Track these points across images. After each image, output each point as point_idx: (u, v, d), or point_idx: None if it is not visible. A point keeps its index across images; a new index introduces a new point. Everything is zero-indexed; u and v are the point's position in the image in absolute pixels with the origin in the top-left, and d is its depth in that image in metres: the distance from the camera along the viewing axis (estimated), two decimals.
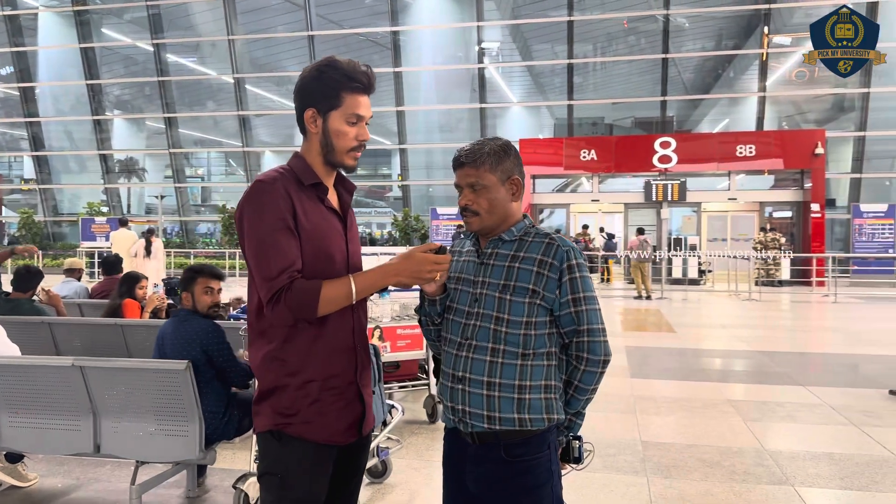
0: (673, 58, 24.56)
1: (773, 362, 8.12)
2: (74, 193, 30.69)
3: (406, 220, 24.82)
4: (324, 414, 1.93)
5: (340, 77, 1.95)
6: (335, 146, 1.98)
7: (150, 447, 3.45)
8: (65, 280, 7.10)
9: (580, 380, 2.02)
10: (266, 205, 1.88)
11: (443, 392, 2.06)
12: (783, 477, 4.28)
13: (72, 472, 4.32)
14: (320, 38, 26.67)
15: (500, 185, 2.03)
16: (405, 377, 5.55)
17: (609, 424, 5.48)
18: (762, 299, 15.75)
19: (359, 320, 2.05)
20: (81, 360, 3.41)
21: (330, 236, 1.97)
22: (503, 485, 1.96)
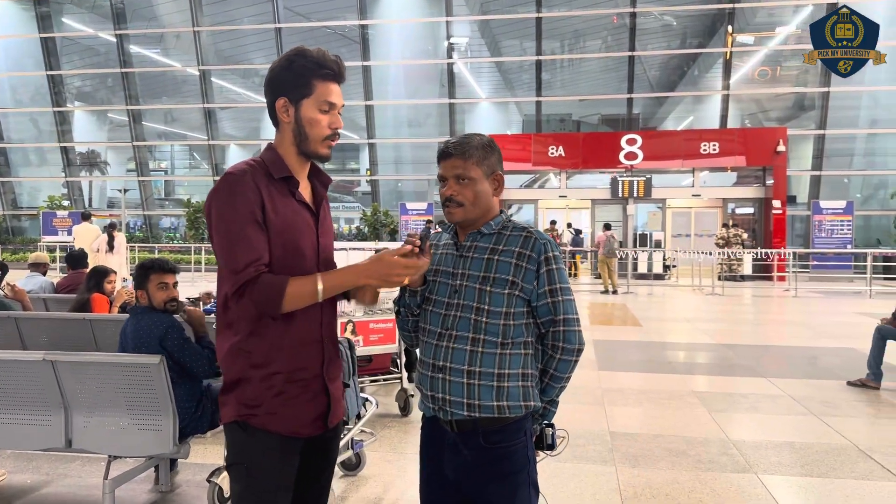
0: (639, 56, 24.87)
1: (736, 355, 8.32)
2: (34, 186, 29.98)
3: (375, 215, 24.75)
4: (288, 406, 1.94)
5: (311, 65, 1.95)
6: (308, 135, 1.98)
7: (123, 442, 3.43)
8: (29, 274, 6.96)
9: (556, 368, 2.08)
10: (235, 197, 1.88)
11: (422, 381, 2.10)
12: (746, 465, 4.41)
13: (41, 467, 4.27)
14: (287, 30, 26.42)
15: (485, 179, 2.08)
16: (378, 371, 5.58)
17: (578, 416, 5.58)
18: (725, 294, 16.09)
19: (327, 313, 2.05)
20: (52, 354, 3.37)
21: (300, 230, 1.97)
22: (481, 471, 2.02)
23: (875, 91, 23.18)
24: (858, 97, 23.71)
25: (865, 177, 24.37)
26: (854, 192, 24.01)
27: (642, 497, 3.87)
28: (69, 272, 7.06)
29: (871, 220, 23.87)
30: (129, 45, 27.62)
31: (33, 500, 3.82)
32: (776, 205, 20.43)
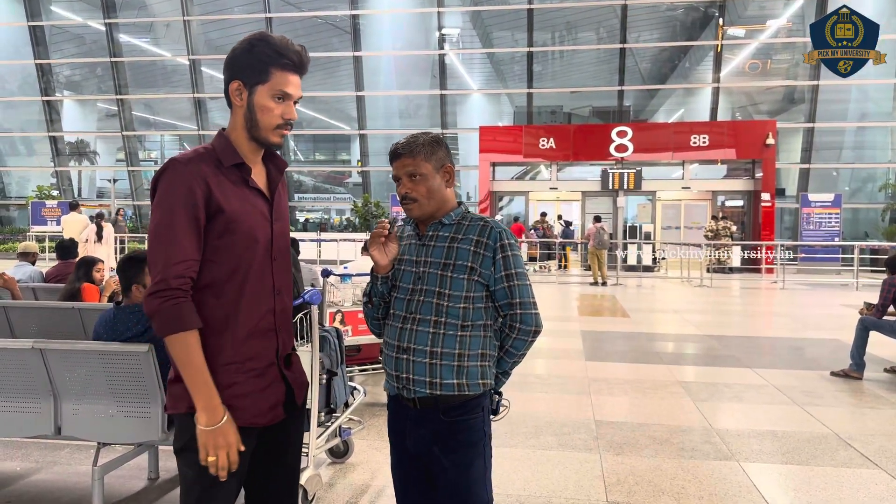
0: (630, 48, 24.90)
1: (722, 346, 8.41)
2: (23, 176, 29.81)
3: (366, 206, 24.75)
4: (242, 397, 1.92)
5: (271, 52, 1.94)
6: (259, 122, 1.96)
7: (112, 429, 3.45)
8: (18, 264, 6.95)
9: (511, 345, 2.22)
10: (174, 190, 1.85)
11: (387, 362, 2.24)
12: (729, 453, 4.49)
13: (30, 455, 4.29)
14: (278, 20, 26.31)
15: (436, 173, 2.22)
16: (366, 360, 5.62)
17: (564, 405, 5.64)
18: (713, 286, 16.21)
19: (281, 301, 2.04)
20: (41, 342, 3.39)
21: (252, 218, 1.95)
22: (440, 443, 2.16)
23: (864, 84, 23.32)
24: (848, 90, 23.85)
25: (854, 170, 24.55)
26: (843, 185, 24.19)
27: (625, 484, 3.93)
28: (58, 262, 7.06)
29: (860, 213, 24.06)
30: (118, 34, 27.44)
31: (23, 486, 3.85)
32: (765, 197, 20.58)
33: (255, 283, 1.96)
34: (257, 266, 1.97)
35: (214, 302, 1.91)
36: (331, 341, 3.79)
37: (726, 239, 19.21)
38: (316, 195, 29.80)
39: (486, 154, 22.29)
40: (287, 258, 2.12)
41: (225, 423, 1.84)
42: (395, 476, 2.33)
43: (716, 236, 19.14)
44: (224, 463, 1.84)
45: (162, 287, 1.81)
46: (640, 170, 21.37)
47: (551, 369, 6.96)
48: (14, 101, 29.06)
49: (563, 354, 7.70)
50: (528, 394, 5.95)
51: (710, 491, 3.85)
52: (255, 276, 1.96)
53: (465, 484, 2.16)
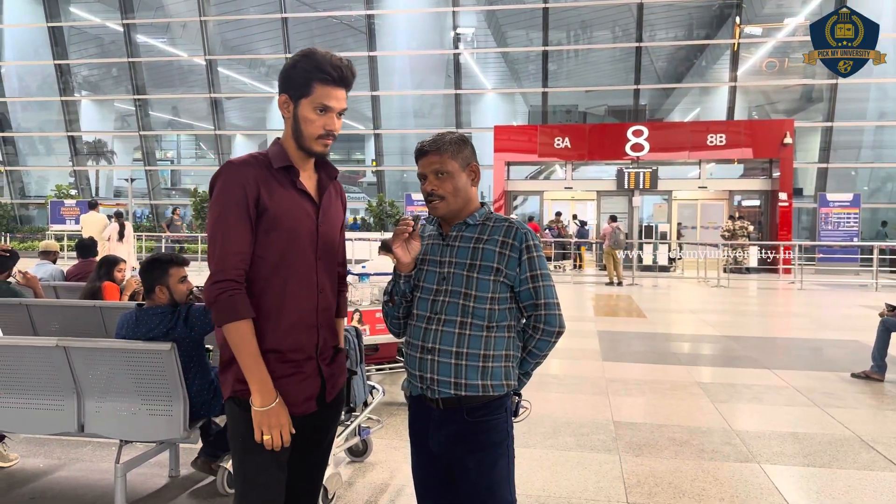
0: (646, 47, 24.78)
1: (741, 346, 8.35)
2: (42, 176, 30.12)
3: (381, 205, 24.80)
4: (280, 385, 2.03)
5: (311, 68, 2.05)
6: (303, 132, 2.08)
7: (134, 427, 3.48)
8: (39, 262, 7.03)
9: (535, 346, 2.22)
10: (228, 191, 2.01)
11: (410, 362, 2.23)
12: (749, 455, 4.45)
13: (53, 452, 4.34)
14: (294, 20, 26.40)
15: (462, 171, 2.22)
16: (384, 359, 5.63)
17: (582, 405, 5.62)
18: (730, 286, 16.09)
19: (325, 299, 2.16)
20: (65, 340, 3.42)
21: (296, 217, 2.08)
22: (463, 443, 2.16)
23: (883, 83, 23.05)
24: (867, 89, 23.61)
25: (873, 169, 24.29)
26: (861, 185, 23.94)
27: (646, 485, 3.92)
28: (79, 260, 7.13)
29: (878, 213, 23.80)
30: (135, 35, 27.65)
31: (46, 483, 3.89)
32: (783, 197, 20.39)
33: (298, 279, 2.09)
34: (301, 263, 2.10)
35: (260, 294, 2.05)
36: (350, 340, 3.80)
37: (743, 239, 19.06)
38: None
39: (501, 153, 22.25)
40: (333, 260, 2.23)
41: (277, 405, 1.99)
42: (415, 476, 2.33)
43: (733, 236, 19.00)
44: (278, 442, 1.99)
45: (219, 278, 1.98)
46: (655, 169, 21.24)
47: (568, 369, 6.94)
48: (33, 101, 29.35)
49: (580, 354, 7.68)
50: (546, 393, 5.94)
51: (731, 493, 3.82)
52: (298, 272, 2.09)
53: (488, 484, 2.16)
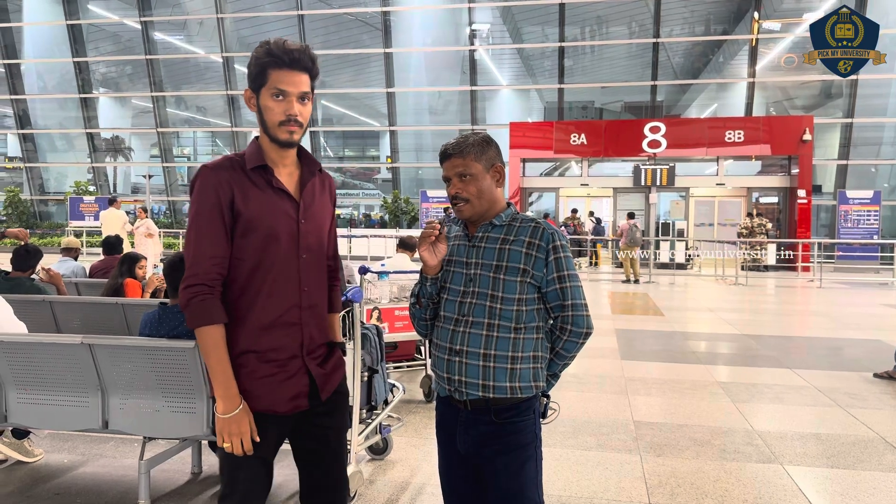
0: (663, 42, 24.60)
1: (760, 345, 8.28)
2: (61, 172, 30.40)
3: (396, 202, 24.81)
4: (261, 384, 2.04)
5: (264, 55, 2.04)
6: (266, 121, 2.07)
7: (158, 423, 3.50)
8: (62, 259, 7.10)
9: (562, 347, 2.22)
10: (203, 196, 2.01)
11: (438, 364, 2.23)
12: (772, 456, 4.42)
13: (76, 447, 4.38)
14: (310, 17, 26.45)
15: (486, 173, 2.20)
16: (402, 357, 5.63)
17: (602, 405, 5.60)
18: (748, 284, 15.97)
19: (310, 297, 2.12)
20: (90, 337, 3.45)
21: (274, 217, 2.06)
22: (491, 444, 2.15)
23: None
24: (888, 85, 23.29)
25: (893, 166, 23.97)
26: (881, 182, 23.65)
27: (667, 486, 3.89)
28: (105, 256, 7.18)
29: None
30: (153, 32, 27.81)
31: (70, 479, 3.92)
32: (801, 194, 20.18)
33: (278, 278, 2.07)
34: (280, 263, 2.07)
35: (238, 295, 2.05)
36: (371, 339, 3.81)
37: (761, 236, 18.90)
38: (345, 191, 29.95)
39: (516, 150, 22.18)
40: (319, 256, 2.18)
41: (239, 413, 1.98)
42: (442, 476, 2.32)
43: (751, 234, 18.84)
44: (238, 450, 1.99)
45: (192, 282, 1.99)
46: (673, 166, 21.10)
47: (587, 368, 6.92)
48: (53, 98, 29.62)
49: (599, 353, 7.64)
50: (565, 393, 5.92)
51: (754, 494, 3.79)
52: (278, 272, 2.07)
53: (517, 486, 2.15)
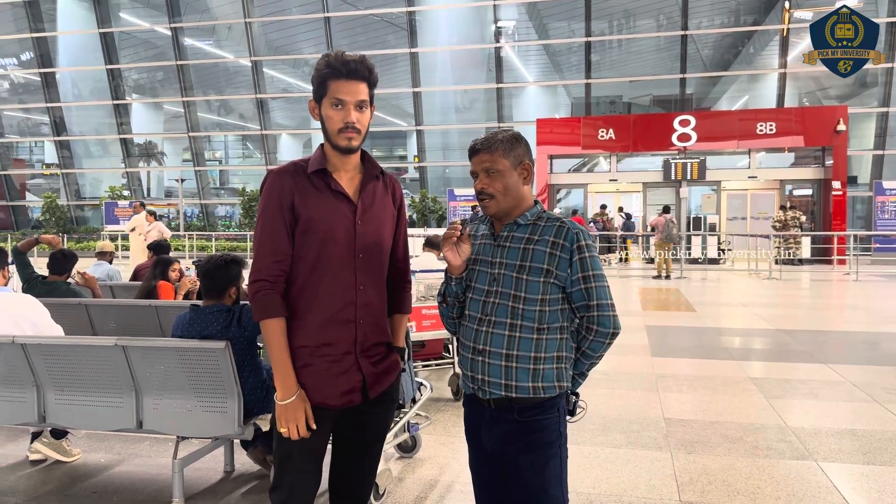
0: (692, 34, 24.28)
1: (794, 340, 8.15)
2: (96, 177, 31.04)
3: (423, 201, 24.88)
4: (315, 378, 2.14)
5: (323, 67, 2.15)
6: (327, 129, 2.17)
7: (191, 423, 3.57)
8: (97, 263, 7.26)
9: (589, 347, 2.20)
10: (268, 199, 2.16)
11: (463, 363, 2.25)
12: (805, 452, 4.35)
13: (113, 447, 4.48)
14: (336, 19, 26.63)
15: (513, 170, 2.20)
16: (430, 356, 5.65)
17: (632, 401, 5.56)
18: (782, 278, 15.70)
19: (364, 296, 2.20)
20: (124, 339, 3.52)
21: (331, 219, 2.15)
22: (515, 442, 2.16)
23: None
24: None
25: None
26: None
27: (699, 483, 3.86)
28: (151, 257, 7.29)
29: None
30: (183, 38, 28.24)
31: (107, 478, 4.02)
32: (836, 186, 19.79)
33: (334, 276, 2.17)
34: (337, 262, 2.16)
35: (299, 292, 2.16)
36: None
37: (795, 229, 18.57)
38: None
39: (544, 147, 22.08)
40: (377, 257, 2.26)
41: (295, 400, 2.10)
42: (472, 472, 2.35)
43: (784, 227, 18.53)
44: (294, 434, 2.10)
45: (254, 278, 2.14)
46: (703, 159, 20.83)
47: (617, 365, 6.87)
48: (87, 105, 30.25)
49: (629, 350, 7.59)
50: (595, 390, 5.89)
51: (787, 491, 3.74)
52: (335, 270, 2.16)
53: (540, 484, 2.16)
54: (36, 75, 29.62)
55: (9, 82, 31.93)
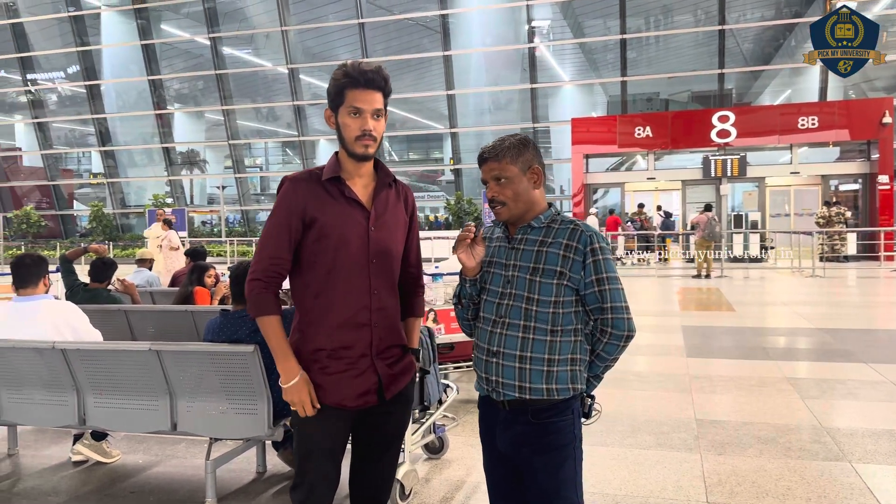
0: (731, 29, 23.85)
1: (835, 340, 7.97)
2: (140, 186, 31.85)
3: (458, 203, 24.93)
4: (332, 380, 2.21)
5: (341, 77, 2.20)
6: (344, 137, 2.23)
7: (223, 425, 3.67)
8: (137, 269, 7.48)
9: (603, 349, 2.20)
10: (279, 204, 2.24)
11: (477, 364, 2.29)
12: (840, 453, 4.26)
13: (150, 449, 4.62)
14: (370, 24, 26.87)
15: (522, 175, 2.22)
16: (460, 358, 5.68)
17: (663, 403, 5.51)
18: (826, 275, 15.33)
19: (378, 300, 2.26)
20: (157, 344, 3.64)
21: (345, 225, 2.21)
22: (529, 444, 2.18)
23: None
24: None
25: None
26: None
27: (727, 484, 3.82)
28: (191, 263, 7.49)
29: None
30: (221, 48, 28.82)
31: (144, 479, 4.15)
32: (882, 180, 19.26)
33: (349, 281, 2.23)
34: (350, 267, 2.22)
35: (313, 296, 2.23)
36: (423, 340, 3.87)
37: (840, 226, 18.10)
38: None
39: (579, 146, 21.96)
40: (390, 262, 2.31)
41: (298, 381, 2.18)
42: (487, 473, 2.38)
43: (828, 223, 18.08)
44: (303, 413, 2.19)
45: (252, 277, 2.22)
46: (744, 155, 20.47)
47: (650, 366, 6.81)
48: (130, 115, 31.07)
49: (663, 351, 7.51)
50: (625, 391, 5.86)
51: (818, 493, 3.68)
52: (348, 275, 2.23)
53: (554, 485, 2.17)
54: (82, 88, 30.53)
55: (56, 95, 32.96)
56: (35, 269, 4.07)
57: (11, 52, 30.48)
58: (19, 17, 30.44)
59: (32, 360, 3.80)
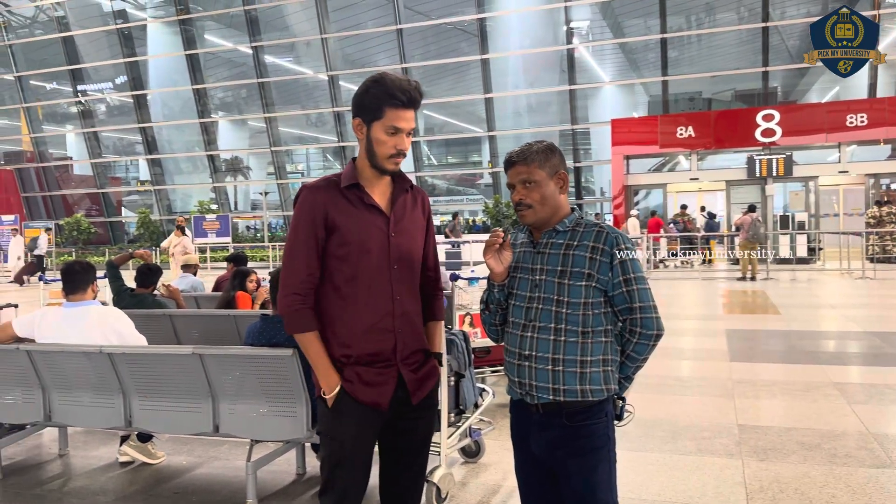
0: (776, 26, 23.36)
1: (886, 343, 7.73)
2: (186, 193, 32.57)
3: (497, 206, 24.91)
4: (358, 381, 2.22)
5: (382, 93, 2.18)
6: (376, 153, 2.23)
7: (263, 427, 3.75)
8: (182, 275, 7.66)
9: (633, 350, 2.21)
10: (302, 211, 2.25)
11: (509, 368, 2.29)
12: (888, 460, 4.15)
13: (194, 450, 4.73)
14: (409, 30, 27.04)
15: (549, 180, 2.24)
16: (496, 362, 5.69)
17: (704, 408, 5.43)
18: (877, 277, 14.89)
19: (402, 305, 2.28)
20: (200, 348, 3.74)
21: (366, 231, 2.23)
22: (564, 446, 2.19)
23: None
24: None
25: None
26: None
27: (769, 491, 3.75)
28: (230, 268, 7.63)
29: None
30: (263, 56, 29.31)
31: (189, 479, 4.26)
32: None
33: (371, 288, 2.25)
34: (372, 273, 2.25)
35: (339, 301, 2.25)
36: (458, 344, 3.90)
37: (891, 226, 17.55)
38: (449, 197, 30.37)
39: (620, 147, 21.74)
40: (410, 267, 2.33)
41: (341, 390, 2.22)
42: (518, 477, 2.39)
43: (879, 223, 17.55)
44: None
45: (286, 292, 2.24)
46: (790, 155, 20.00)
47: (692, 371, 6.72)
48: (176, 124, 31.83)
49: (706, 355, 7.40)
50: (666, 396, 5.79)
51: (864, 500, 3.58)
52: (371, 282, 2.25)
53: (589, 488, 2.18)
54: (129, 98, 31.37)
55: (105, 105, 33.93)
56: (84, 275, 4.20)
57: (63, 65, 31.46)
58: (70, 31, 31.42)
59: (81, 363, 3.93)
